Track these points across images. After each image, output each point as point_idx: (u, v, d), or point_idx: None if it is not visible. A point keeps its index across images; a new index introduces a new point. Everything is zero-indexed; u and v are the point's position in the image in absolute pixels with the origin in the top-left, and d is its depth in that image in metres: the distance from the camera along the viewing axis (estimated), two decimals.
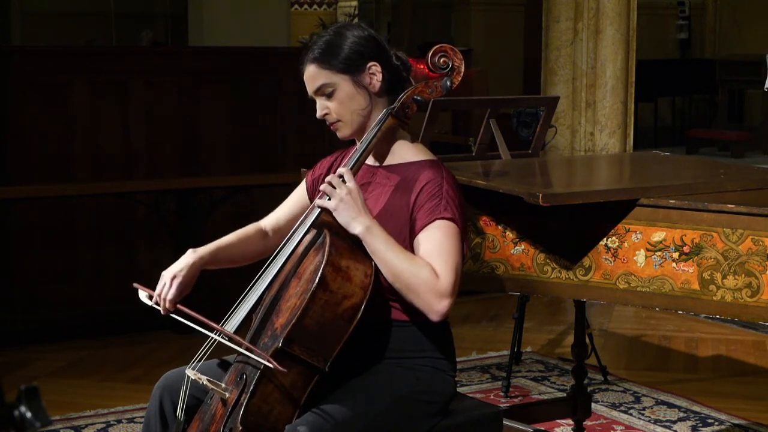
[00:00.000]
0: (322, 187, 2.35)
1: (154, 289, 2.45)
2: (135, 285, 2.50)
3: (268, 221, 2.65)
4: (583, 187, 3.36)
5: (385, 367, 2.38)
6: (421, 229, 2.34)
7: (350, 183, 2.33)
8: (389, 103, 2.45)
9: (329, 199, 2.34)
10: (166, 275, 2.43)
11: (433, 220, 2.33)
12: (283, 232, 2.61)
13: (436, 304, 2.27)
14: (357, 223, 2.31)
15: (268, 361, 2.18)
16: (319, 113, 2.46)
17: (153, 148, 5.58)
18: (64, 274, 5.40)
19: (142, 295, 2.48)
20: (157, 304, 2.43)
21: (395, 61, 2.47)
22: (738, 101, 12.30)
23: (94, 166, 5.44)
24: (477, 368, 4.74)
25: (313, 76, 2.44)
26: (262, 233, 2.63)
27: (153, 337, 5.08)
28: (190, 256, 2.47)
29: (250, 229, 2.62)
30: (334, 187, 2.33)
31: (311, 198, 2.60)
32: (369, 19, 12.68)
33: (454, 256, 2.31)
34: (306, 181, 2.65)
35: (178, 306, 2.41)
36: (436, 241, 2.32)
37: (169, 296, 2.41)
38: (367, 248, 2.32)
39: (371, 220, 2.32)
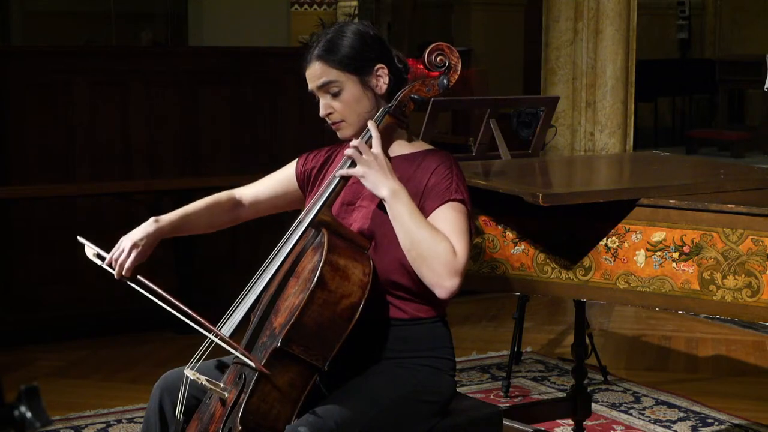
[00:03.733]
0: (347, 152, 2.33)
1: (102, 247, 2.48)
2: (80, 238, 2.53)
3: (246, 192, 2.64)
4: (583, 187, 3.36)
5: (385, 367, 2.38)
6: (434, 209, 2.35)
7: (376, 148, 2.33)
8: (387, 102, 2.45)
9: (350, 165, 2.34)
10: (126, 243, 2.46)
11: (446, 201, 2.35)
12: (260, 207, 2.63)
13: (447, 280, 2.26)
14: (384, 187, 2.31)
15: (258, 367, 2.20)
16: (322, 112, 2.44)
17: (153, 148, 5.57)
18: (64, 274, 5.39)
19: (89, 252, 2.50)
20: (111, 266, 2.46)
21: (398, 63, 2.47)
22: (738, 101, 12.30)
23: (94, 165, 5.44)
24: (477, 368, 4.73)
25: (318, 73, 2.41)
26: (235, 203, 2.63)
27: (153, 337, 5.08)
28: (151, 226, 2.49)
29: (221, 196, 2.62)
30: (361, 153, 2.32)
31: (300, 184, 2.59)
32: (369, 19, 12.68)
33: (468, 237, 2.33)
34: (296, 167, 2.61)
35: (138, 277, 2.44)
36: (452, 220, 2.33)
37: (127, 264, 2.44)
38: (389, 212, 2.32)
39: (398, 184, 2.32)
